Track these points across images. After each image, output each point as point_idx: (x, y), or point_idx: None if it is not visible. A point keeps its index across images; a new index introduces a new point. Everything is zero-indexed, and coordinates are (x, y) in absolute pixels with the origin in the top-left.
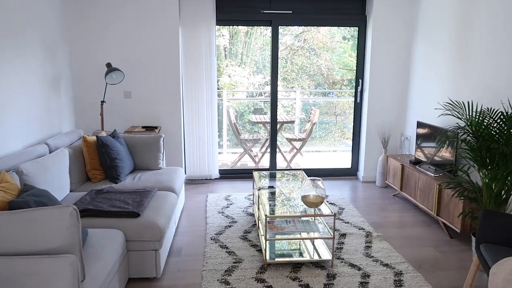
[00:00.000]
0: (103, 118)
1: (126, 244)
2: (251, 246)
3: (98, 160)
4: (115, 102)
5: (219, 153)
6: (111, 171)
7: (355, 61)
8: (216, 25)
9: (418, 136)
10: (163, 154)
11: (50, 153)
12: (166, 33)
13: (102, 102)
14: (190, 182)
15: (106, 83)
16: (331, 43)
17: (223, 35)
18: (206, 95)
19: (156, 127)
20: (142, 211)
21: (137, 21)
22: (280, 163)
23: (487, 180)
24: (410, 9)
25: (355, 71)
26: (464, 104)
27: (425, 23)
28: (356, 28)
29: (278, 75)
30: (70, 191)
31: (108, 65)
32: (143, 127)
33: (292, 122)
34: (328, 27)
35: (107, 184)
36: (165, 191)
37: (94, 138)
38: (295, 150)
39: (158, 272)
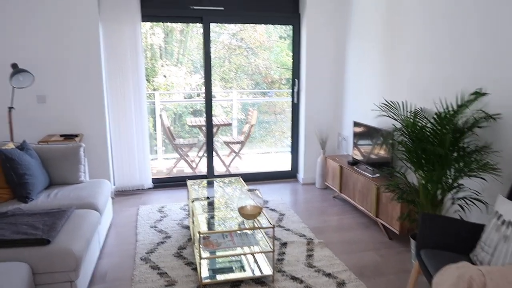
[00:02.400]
0: (12, 127)
1: (33, 278)
2: (186, 264)
3: (3, 177)
4: (27, 108)
5: (154, 159)
6: (19, 189)
7: (292, 61)
8: (142, 21)
9: (355, 136)
10: (84, 165)
11: None
12: (84, 30)
13: (10, 108)
14: (121, 193)
15: (13, 86)
16: (268, 42)
17: (157, 34)
18: (134, 98)
19: (76, 135)
20: (53, 236)
21: (49, 15)
22: (219, 167)
23: (423, 182)
24: (342, 8)
25: (291, 71)
26: (398, 105)
27: (357, 22)
28: (291, 27)
29: (216, 75)
30: None
31: (14, 65)
32: (61, 136)
33: (229, 124)
34: (265, 25)
35: (16, 204)
36: (85, 209)
37: None
38: (233, 154)
39: None
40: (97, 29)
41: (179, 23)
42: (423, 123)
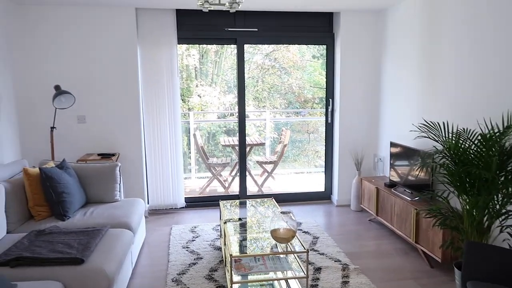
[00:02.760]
0: (53, 146)
1: None
2: (217, 287)
3: (43, 195)
4: (67, 128)
5: (187, 178)
6: (57, 207)
7: (325, 80)
8: (178, 43)
9: (392, 157)
10: (120, 184)
11: None
12: (123, 53)
13: (52, 128)
14: (154, 212)
15: (55, 107)
16: (301, 62)
17: (192, 55)
18: (169, 118)
19: (113, 154)
20: (87, 256)
21: (91, 40)
22: (252, 187)
23: (468, 207)
24: (377, 28)
25: (325, 90)
26: (439, 125)
27: (393, 41)
28: (325, 46)
29: (249, 95)
30: (8, 233)
31: (57, 87)
32: (99, 155)
33: (262, 144)
34: (298, 45)
35: (53, 222)
36: (119, 228)
37: (37, 170)
38: (266, 173)
39: None
40: (135, 52)
41: (214, 44)
42: (467, 145)
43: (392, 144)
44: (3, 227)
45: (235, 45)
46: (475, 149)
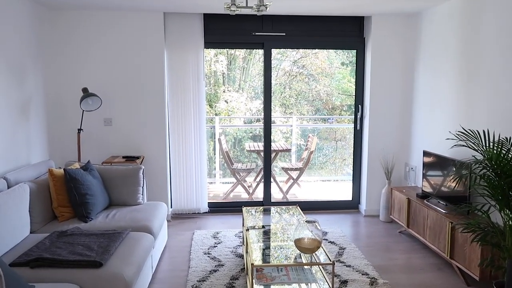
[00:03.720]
0: (80, 148)
1: None
2: None
3: (67, 196)
4: (94, 130)
5: (212, 183)
6: (80, 209)
7: (354, 87)
8: (205, 48)
9: (425, 166)
10: (143, 187)
11: (8, 188)
12: (150, 57)
13: (79, 130)
14: (177, 216)
15: (82, 109)
16: (329, 69)
17: (220, 61)
18: (194, 123)
19: (138, 157)
20: (106, 259)
21: (119, 44)
22: (276, 194)
23: (511, 223)
24: (410, 32)
25: (354, 97)
26: (479, 134)
27: (427, 46)
28: (355, 54)
29: (277, 101)
30: (31, 232)
31: (84, 90)
32: (123, 157)
33: (288, 150)
34: (326, 52)
35: (76, 223)
36: (140, 231)
37: (62, 171)
38: (291, 180)
39: None
40: (162, 56)
41: (241, 49)
42: (510, 155)
43: (426, 153)
44: (26, 226)
45: (262, 50)
46: None
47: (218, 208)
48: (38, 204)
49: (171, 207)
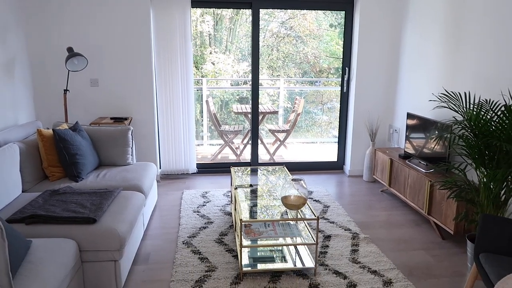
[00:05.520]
0: (66, 109)
1: (80, 254)
2: (226, 251)
3: (57, 156)
4: (80, 91)
5: (199, 145)
6: (70, 169)
7: (342, 50)
8: (192, 7)
9: (408, 128)
10: (132, 148)
11: None
12: (135, 16)
13: (65, 90)
14: (166, 177)
15: (68, 70)
16: (318, 31)
17: (207, 21)
18: (181, 84)
19: (126, 118)
20: (99, 216)
21: (104, 1)
22: (263, 155)
23: (485, 180)
24: None
25: (342, 60)
26: (460, 96)
27: (415, 7)
28: (343, 15)
29: (264, 63)
30: (23, 191)
31: (69, 49)
32: (111, 119)
33: (276, 112)
34: (315, 13)
35: (67, 182)
36: (131, 190)
37: (51, 131)
38: (278, 142)
39: (119, 285)
40: (148, 16)
41: (228, 9)
42: (489, 116)
43: (409, 115)
44: (18, 186)
45: (250, 10)
46: (497, 120)
47: (207, 169)
48: (28, 164)
49: (160, 168)
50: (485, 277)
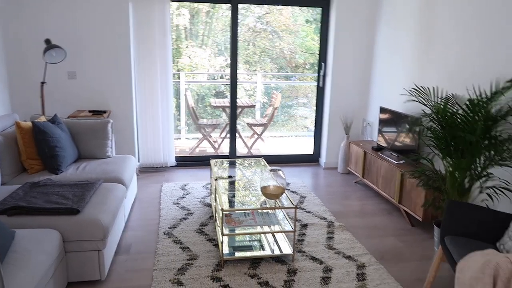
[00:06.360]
0: (43, 101)
1: (63, 245)
2: (207, 240)
3: (35, 149)
4: (58, 84)
5: (177, 138)
6: (50, 161)
7: (318, 45)
8: (171, 1)
9: (381, 121)
10: (111, 141)
11: None
12: (114, 8)
13: (42, 83)
14: (144, 170)
15: (46, 62)
16: (294, 26)
17: (183, 15)
18: (160, 77)
19: (104, 112)
20: (82, 207)
21: None
22: (241, 149)
23: (451, 169)
24: None
25: (317, 55)
26: (429, 90)
27: (389, 6)
28: (319, 11)
29: (240, 58)
30: (1, 184)
31: (47, 41)
32: (90, 111)
33: (253, 106)
34: (291, 9)
35: (46, 175)
36: (112, 182)
37: (30, 124)
38: (256, 136)
39: (102, 274)
40: (127, 9)
41: (206, 3)
42: (455, 110)
43: (382, 109)
44: None
45: (227, 6)
46: (462, 113)
47: (185, 162)
48: (7, 157)
49: (139, 161)
50: (450, 257)
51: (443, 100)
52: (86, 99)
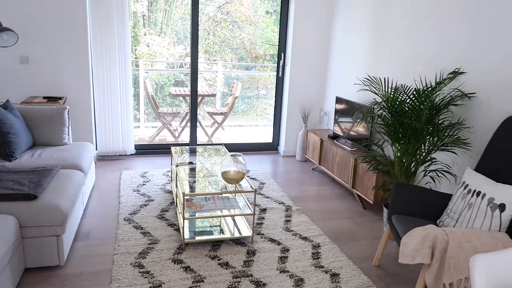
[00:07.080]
0: None
1: (20, 231)
2: (168, 225)
3: None
4: (9, 69)
5: (136, 127)
6: (3, 148)
7: (278, 36)
8: None
9: (337, 111)
10: (68, 128)
11: None
12: None
13: None
14: (102, 158)
15: None
16: (254, 17)
17: (141, 1)
18: (119, 64)
19: (60, 98)
20: (40, 192)
21: None
22: (201, 137)
23: (399, 154)
24: None
25: (277, 46)
26: (381, 80)
27: (345, 0)
28: (279, 3)
29: (200, 47)
30: None
31: None
32: (44, 98)
33: (214, 95)
34: (252, 0)
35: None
36: (70, 169)
37: None
38: (216, 125)
39: (61, 260)
40: None
41: None
42: (403, 98)
43: (338, 99)
44: None
45: None
46: (409, 102)
47: (145, 150)
48: None
49: (96, 150)
50: (396, 234)
51: (392, 90)
52: (40, 85)
